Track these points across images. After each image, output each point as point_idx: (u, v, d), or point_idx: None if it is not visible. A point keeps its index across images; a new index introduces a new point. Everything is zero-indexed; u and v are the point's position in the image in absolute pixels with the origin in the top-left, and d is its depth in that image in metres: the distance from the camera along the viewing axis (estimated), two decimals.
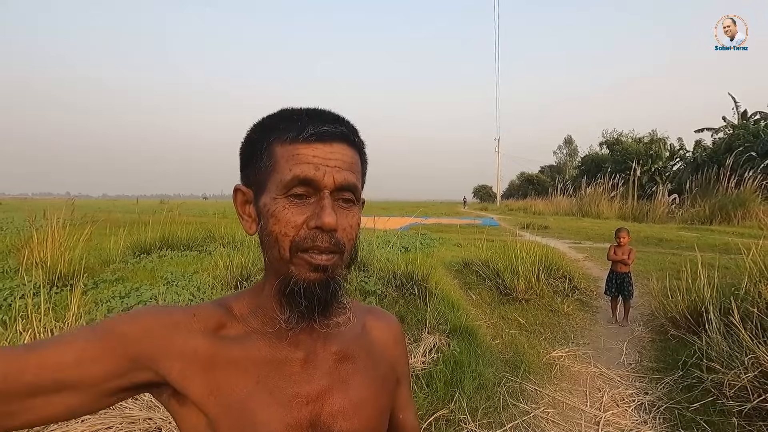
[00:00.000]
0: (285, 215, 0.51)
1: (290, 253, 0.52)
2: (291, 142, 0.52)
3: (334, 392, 0.56)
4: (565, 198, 22.36)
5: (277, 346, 0.55)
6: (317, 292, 0.52)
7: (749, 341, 2.38)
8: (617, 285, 4.02)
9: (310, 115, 0.54)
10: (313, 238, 0.51)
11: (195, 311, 0.55)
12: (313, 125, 0.52)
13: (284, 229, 0.51)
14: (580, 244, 8.96)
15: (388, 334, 0.68)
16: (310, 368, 0.56)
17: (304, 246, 0.51)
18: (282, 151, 0.52)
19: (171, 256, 5.88)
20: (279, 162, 0.52)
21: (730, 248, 5.70)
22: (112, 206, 23.52)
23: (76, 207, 6.31)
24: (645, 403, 2.58)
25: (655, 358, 3.23)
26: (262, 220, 0.54)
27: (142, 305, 3.42)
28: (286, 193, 0.51)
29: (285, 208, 0.51)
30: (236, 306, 0.57)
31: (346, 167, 0.53)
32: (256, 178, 0.55)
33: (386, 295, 3.85)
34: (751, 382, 2.25)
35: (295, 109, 0.56)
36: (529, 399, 2.64)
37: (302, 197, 0.52)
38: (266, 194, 0.53)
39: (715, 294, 3.21)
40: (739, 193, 12.79)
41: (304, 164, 0.51)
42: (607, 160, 26.78)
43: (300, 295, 0.51)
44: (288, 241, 0.51)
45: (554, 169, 48.62)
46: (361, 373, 0.60)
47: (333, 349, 0.59)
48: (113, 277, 4.54)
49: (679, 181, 20.22)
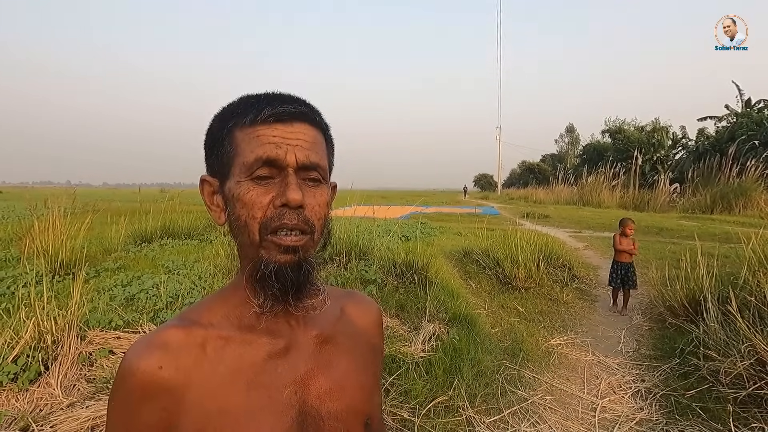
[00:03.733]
0: (250, 197, 0.51)
1: (259, 236, 0.51)
2: (250, 125, 0.52)
3: (318, 375, 0.57)
4: (566, 187, 22.31)
5: (257, 344, 0.55)
6: (289, 274, 0.51)
7: (746, 330, 2.40)
8: (622, 275, 4.03)
9: (268, 98, 0.54)
10: (280, 216, 0.50)
11: (164, 359, 0.50)
12: (272, 106, 0.52)
13: (251, 212, 0.51)
14: (580, 233, 8.97)
15: (367, 319, 0.69)
16: (293, 355, 0.56)
17: (272, 226, 0.50)
18: (242, 135, 0.52)
19: (172, 244, 5.90)
20: (240, 145, 0.52)
21: (731, 237, 5.70)
22: (113, 195, 23.53)
23: (76, 196, 6.32)
24: (642, 390, 2.62)
25: (652, 346, 3.26)
26: (228, 206, 0.54)
27: (143, 293, 3.43)
28: (250, 176, 0.51)
29: (250, 190, 0.51)
30: (205, 316, 0.56)
31: (308, 146, 0.53)
32: (220, 165, 0.54)
33: (386, 283, 3.87)
34: (746, 370, 2.28)
35: (254, 94, 0.56)
36: (527, 386, 2.68)
37: (267, 179, 0.51)
38: (230, 180, 0.53)
39: (713, 283, 3.22)
40: (741, 182, 12.74)
41: (265, 144, 0.51)
42: (609, 148, 26.64)
43: (272, 279, 0.51)
44: (256, 223, 0.51)
45: (556, 157, 48.41)
46: (342, 354, 0.61)
47: (313, 333, 0.59)
48: (115, 266, 4.57)
49: (681, 170, 20.13)
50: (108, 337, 2.69)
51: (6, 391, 2.12)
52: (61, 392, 2.17)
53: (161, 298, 3.34)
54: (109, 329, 2.80)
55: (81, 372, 2.38)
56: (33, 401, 2.11)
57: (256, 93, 0.56)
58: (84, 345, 2.53)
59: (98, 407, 2.00)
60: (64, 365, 2.32)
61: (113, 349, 2.61)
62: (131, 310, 3.17)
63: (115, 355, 2.56)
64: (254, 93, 0.56)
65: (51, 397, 2.14)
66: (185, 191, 12.35)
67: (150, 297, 3.42)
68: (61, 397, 2.14)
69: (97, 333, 2.69)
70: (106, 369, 2.39)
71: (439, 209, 16.15)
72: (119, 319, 2.89)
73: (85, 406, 2.03)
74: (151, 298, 3.40)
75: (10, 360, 2.21)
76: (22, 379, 2.16)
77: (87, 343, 2.56)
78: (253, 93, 0.56)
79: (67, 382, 2.27)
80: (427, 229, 7.86)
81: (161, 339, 0.52)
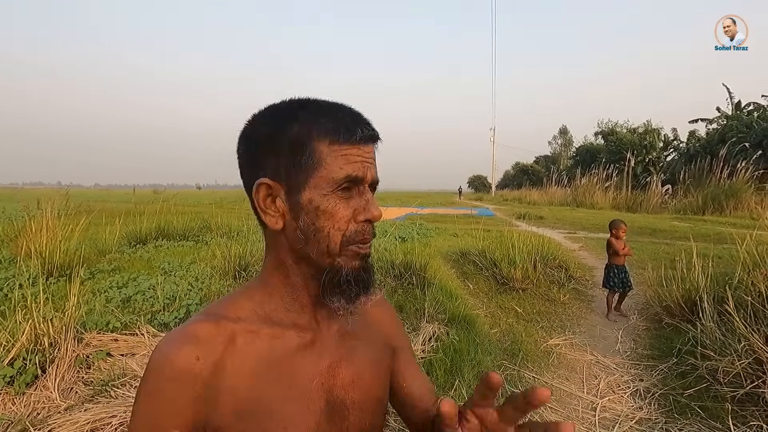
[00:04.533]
0: (337, 210, 0.54)
1: (341, 246, 0.55)
2: (342, 143, 0.54)
3: (343, 366, 0.61)
4: (560, 188, 22.45)
5: (286, 337, 0.57)
6: (364, 277, 0.57)
7: (743, 329, 2.42)
8: (621, 279, 3.96)
9: (352, 116, 0.57)
10: (363, 231, 0.56)
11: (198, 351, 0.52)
12: (361, 128, 0.55)
13: (337, 224, 0.55)
14: (575, 234, 9.03)
15: (381, 312, 0.73)
16: (318, 347, 0.60)
17: (357, 239, 0.55)
18: (329, 150, 0.54)
19: (167, 246, 5.86)
20: (326, 160, 0.54)
21: (723, 238, 5.77)
22: (106, 196, 23.30)
23: (69, 196, 6.25)
24: (640, 390, 2.64)
25: (649, 345, 3.29)
26: (303, 215, 0.55)
27: (140, 295, 3.39)
28: (337, 191, 0.54)
29: (337, 203, 0.55)
30: (231, 310, 0.57)
31: (376, 165, 0.59)
32: (292, 173, 0.55)
33: (385, 284, 3.87)
34: (744, 369, 2.30)
35: (329, 104, 0.58)
36: (527, 386, 2.68)
37: (348, 193, 0.55)
38: (308, 190, 0.54)
39: (709, 283, 3.26)
40: (731, 183, 12.89)
41: (353, 163, 0.55)
42: (602, 150, 26.84)
43: (351, 284, 0.56)
44: (340, 234, 0.55)
45: (549, 159, 48.72)
46: (363, 347, 0.65)
47: (335, 328, 0.63)
48: (110, 267, 4.52)
49: (672, 171, 20.33)
50: (105, 340, 2.66)
51: (2, 395, 2.09)
52: (58, 395, 2.14)
53: (158, 299, 3.31)
54: (106, 331, 2.77)
55: (78, 375, 2.35)
56: (30, 405, 2.08)
57: (328, 102, 0.58)
58: (81, 347, 2.50)
59: (97, 410, 1.97)
60: (61, 368, 2.29)
61: (110, 351, 2.58)
62: (128, 312, 3.14)
63: (112, 358, 2.54)
64: (324, 101, 0.58)
65: (48, 400, 2.12)
66: (179, 192, 12.26)
67: (147, 298, 3.39)
68: (59, 401, 2.11)
69: (94, 335, 2.66)
70: (103, 371, 2.37)
71: (435, 210, 16.18)
72: (116, 321, 2.87)
73: (84, 410, 2.00)
74: (147, 300, 3.37)
75: (7, 363, 2.18)
76: (19, 383, 2.13)
77: (84, 346, 2.53)
78: (322, 101, 0.58)
79: (64, 385, 2.24)
80: (423, 230, 7.87)
81: (192, 332, 0.54)
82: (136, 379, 2.29)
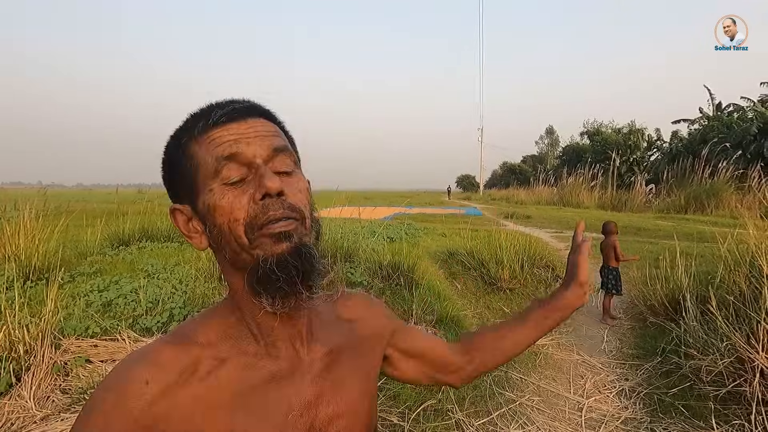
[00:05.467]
0: (227, 200, 0.48)
1: (247, 237, 0.47)
2: (203, 131, 0.50)
3: (326, 395, 0.55)
4: (547, 188, 22.69)
5: (257, 366, 0.52)
6: (291, 261, 0.47)
7: (725, 328, 2.46)
8: (614, 280, 3.96)
9: (214, 104, 0.52)
10: (265, 209, 0.47)
11: (151, 374, 0.47)
12: (218, 109, 0.50)
13: (232, 215, 0.47)
14: (561, 233, 9.12)
15: (361, 310, 0.67)
16: (297, 377, 0.54)
17: (259, 222, 0.47)
18: (197, 146, 0.50)
19: (151, 247, 5.73)
20: (198, 156, 0.50)
21: (705, 237, 5.88)
22: (88, 196, 22.81)
23: (49, 197, 6.09)
24: (626, 389, 2.66)
25: (635, 345, 3.33)
26: (208, 222, 0.50)
27: (121, 299, 3.31)
28: (220, 182, 0.48)
29: (225, 193, 0.48)
30: (202, 333, 0.52)
31: (269, 135, 0.51)
32: (185, 187, 0.51)
33: (373, 285, 3.85)
34: (726, 368, 2.34)
35: (200, 107, 0.54)
36: (514, 387, 2.69)
37: (239, 182, 0.48)
38: (201, 195, 0.49)
39: (692, 282, 3.31)
40: (713, 183, 13.19)
41: (221, 144, 0.48)
42: (588, 150, 27.23)
43: (274, 272, 0.46)
44: (240, 225, 0.47)
45: (536, 158, 49.25)
46: (347, 366, 0.59)
47: (320, 353, 0.57)
48: (91, 270, 4.41)
49: (656, 171, 20.70)
50: (84, 345, 2.59)
51: None
52: (34, 404, 2.07)
53: (141, 303, 3.23)
54: (86, 337, 2.69)
55: (56, 383, 2.28)
56: (4, 415, 2.00)
57: (201, 106, 0.54)
58: (59, 354, 2.42)
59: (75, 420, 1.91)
60: (37, 376, 2.22)
61: (90, 357, 2.51)
62: (109, 317, 3.06)
63: (92, 364, 2.47)
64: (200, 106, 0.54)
65: (23, 409, 2.04)
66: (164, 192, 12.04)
67: (129, 302, 3.31)
68: (35, 410, 2.04)
69: (72, 341, 2.58)
70: (82, 379, 2.30)
71: (423, 210, 16.20)
72: (96, 326, 2.79)
73: (61, 419, 1.94)
74: (129, 304, 3.28)
75: None
76: None
77: (62, 352, 2.46)
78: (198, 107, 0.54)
79: (40, 393, 2.17)
80: (411, 230, 7.86)
81: (153, 353, 0.49)
82: None
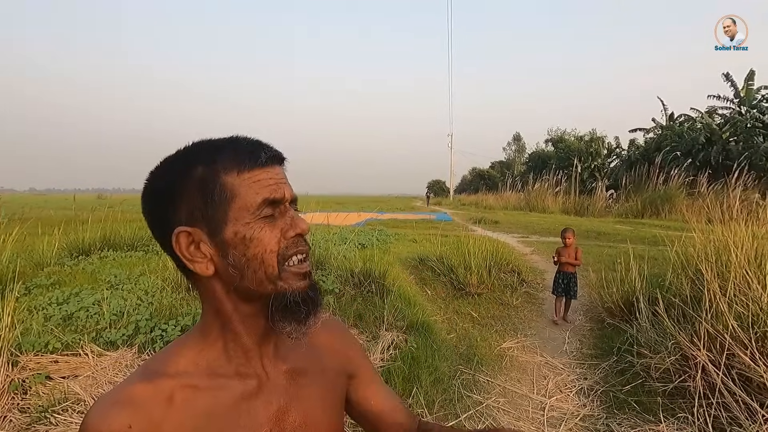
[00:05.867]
0: (265, 234, 0.54)
1: (278, 268, 0.55)
2: (250, 170, 0.55)
3: (292, 409, 0.60)
4: (514, 193, 23.35)
5: (228, 387, 0.56)
6: (311, 296, 0.57)
7: (672, 328, 2.65)
8: (564, 285, 4.11)
9: (248, 142, 0.57)
10: (296, 245, 0.56)
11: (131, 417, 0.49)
12: (263, 151, 0.56)
13: (269, 247, 0.54)
14: (527, 238, 9.43)
15: (331, 340, 0.72)
16: (265, 393, 0.59)
17: (289, 254, 0.55)
18: (239, 180, 0.54)
19: (114, 257, 5.54)
20: (239, 190, 0.54)
21: (658, 240, 6.25)
22: (43, 202, 21.63)
23: (1, 203, 5.78)
24: (585, 388, 2.81)
25: (593, 345, 3.51)
26: (232, 251, 0.54)
27: (83, 311, 3.20)
28: (257, 216, 0.54)
29: (262, 228, 0.54)
30: (171, 365, 0.55)
31: (288, 183, 0.59)
32: (209, 213, 0.54)
33: (344, 293, 3.88)
34: (673, 365, 2.52)
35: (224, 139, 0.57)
36: (481, 390, 2.79)
37: (270, 217, 0.55)
38: (231, 224, 0.54)
39: (644, 285, 3.52)
40: (666, 189, 13.99)
41: (267, 187, 0.55)
42: (552, 156, 28.26)
43: (300, 305, 0.55)
44: (274, 256, 0.54)
45: (504, 164, 50.50)
46: (313, 384, 0.64)
47: (283, 369, 0.62)
48: (48, 282, 4.23)
49: (615, 177, 21.71)
50: (44, 362, 2.50)
51: None
52: None
53: (104, 316, 3.14)
54: (45, 353, 2.60)
55: (13, 401, 2.19)
56: None
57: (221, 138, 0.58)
58: (16, 371, 2.33)
59: None
60: None
61: (50, 374, 2.42)
62: (70, 331, 2.95)
63: (52, 381, 2.38)
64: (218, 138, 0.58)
65: None
66: (127, 198, 11.62)
67: (91, 315, 3.20)
68: None
69: (30, 357, 2.49)
70: (42, 396, 2.22)
71: (395, 216, 16.34)
72: (56, 341, 2.69)
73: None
74: (92, 316, 3.18)
75: None
76: None
77: (20, 369, 2.36)
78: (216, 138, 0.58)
79: None
80: (383, 236, 7.94)
81: (126, 395, 0.51)
82: (79, 404, 2.17)
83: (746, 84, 17.09)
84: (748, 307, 2.40)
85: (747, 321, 2.34)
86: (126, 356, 2.68)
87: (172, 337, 2.88)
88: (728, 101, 17.91)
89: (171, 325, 3.00)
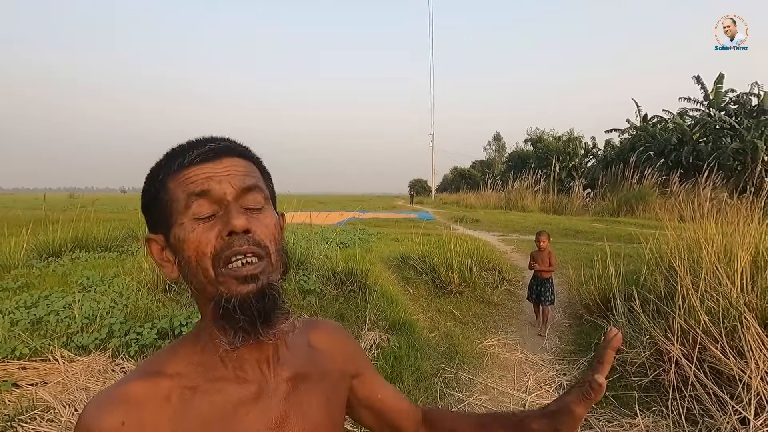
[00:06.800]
0: (196, 234, 0.51)
1: (214, 270, 0.50)
2: (179, 170, 0.53)
3: (292, 417, 0.57)
4: (495, 192, 23.64)
5: (226, 391, 0.54)
6: (253, 304, 0.50)
7: (647, 324, 2.73)
8: (536, 291, 3.94)
9: (192, 142, 0.56)
10: (230, 245, 0.50)
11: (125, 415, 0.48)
12: (196, 148, 0.54)
13: (200, 248, 0.50)
14: (507, 236, 9.55)
15: (332, 342, 0.70)
16: (264, 400, 0.56)
17: (224, 255, 0.50)
18: (174, 182, 0.53)
19: (86, 258, 5.36)
20: (174, 192, 0.53)
21: (633, 238, 6.42)
22: (11, 201, 20.78)
23: None
24: (564, 384, 2.86)
25: (572, 341, 3.58)
26: (178, 254, 0.53)
27: (53, 315, 3.09)
28: (190, 216, 0.51)
29: (194, 228, 0.51)
30: (170, 365, 0.54)
31: (241, 174, 0.54)
32: (161, 219, 0.54)
33: (326, 293, 3.85)
34: (648, 360, 2.59)
35: (179, 144, 0.57)
36: (463, 387, 2.81)
37: (209, 217, 0.52)
38: (173, 228, 0.53)
39: (620, 282, 3.62)
40: (640, 188, 14.41)
41: (193, 183, 0.52)
42: (531, 156, 28.73)
43: (236, 311, 0.49)
44: (207, 258, 0.50)
45: (484, 164, 51.09)
46: (315, 389, 0.62)
47: (284, 375, 0.60)
48: (15, 285, 4.06)
49: (592, 176, 22.21)
50: (11, 368, 2.40)
51: None
52: None
53: (75, 319, 3.03)
54: (12, 359, 2.49)
55: None
56: None
57: (180, 143, 0.57)
58: None
59: None
60: None
61: (17, 381, 2.33)
62: (39, 336, 2.84)
63: (19, 388, 2.29)
64: (179, 143, 0.57)
65: None
66: (100, 197, 11.27)
67: (62, 319, 3.08)
68: None
69: None
70: (9, 405, 2.12)
71: (377, 215, 16.32)
72: (24, 347, 2.59)
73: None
74: (63, 320, 3.06)
75: None
76: None
77: None
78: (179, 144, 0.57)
79: None
80: (365, 235, 7.92)
81: (123, 393, 0.50)
82: (49, 411, 2.08)
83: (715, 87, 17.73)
84: (719, 302, 2.49)
85: (717, 315, 2.42)
86: (99, 361, 2.59)
87: (148, 341, 2.80)
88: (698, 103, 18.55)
89: (147, 328, 2.91)
